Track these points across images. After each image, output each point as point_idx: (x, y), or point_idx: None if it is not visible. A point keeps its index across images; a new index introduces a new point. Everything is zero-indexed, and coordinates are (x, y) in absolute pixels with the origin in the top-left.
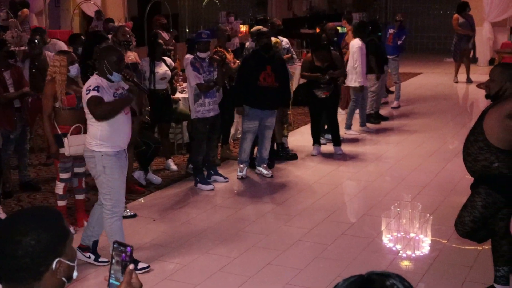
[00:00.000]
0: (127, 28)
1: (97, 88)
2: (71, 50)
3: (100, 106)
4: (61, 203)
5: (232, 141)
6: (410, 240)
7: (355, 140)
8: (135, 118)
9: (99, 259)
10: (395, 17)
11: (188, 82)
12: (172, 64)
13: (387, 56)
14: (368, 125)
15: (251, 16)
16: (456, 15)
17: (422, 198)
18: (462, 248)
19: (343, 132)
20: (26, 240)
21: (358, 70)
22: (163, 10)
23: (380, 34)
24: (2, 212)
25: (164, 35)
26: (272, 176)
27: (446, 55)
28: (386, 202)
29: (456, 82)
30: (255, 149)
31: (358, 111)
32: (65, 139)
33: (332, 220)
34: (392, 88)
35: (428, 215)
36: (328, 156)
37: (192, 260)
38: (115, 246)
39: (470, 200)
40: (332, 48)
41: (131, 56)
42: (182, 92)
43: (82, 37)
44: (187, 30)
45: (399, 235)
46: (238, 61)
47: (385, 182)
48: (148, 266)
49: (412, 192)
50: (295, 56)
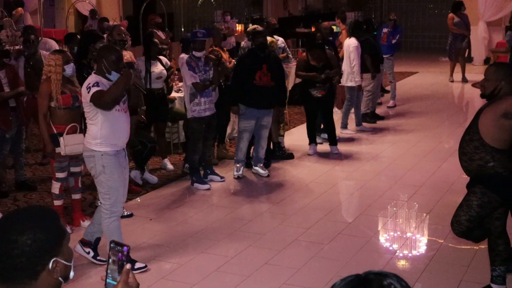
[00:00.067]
0: (122, 27)
1: (97, 84)
2: (67, 50)
3: (104, 95)
4: (57, 202)
5: (228, 140)
6: (406, 240)
7: (351, 140)
8: (131, 118)
9: (97, 257)
10: (389, 16)
11: (184, 82)
12: (168, 63)
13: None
14: (364, 124)
15: (246, 15)
16: (451, 14)
17: (418, 198)
18: (458, 247)
19: (339, 131)
20: (22, 239)
21: (355, 70)
22: (158, 9)
23: (375, 33)
24: None
25: (160, 34)
26: (268, 176)
27: (442, 54)
28: (383, 202)
29: (452, 81)
30: (252, 148)
31: (353, 111)
32: (60, 139)
33: (328, 219)
34: (388, 88)
35: (424, 214)
36: (324, 155)
37: (189, 259)
38: (111, 245)
39: (466, 199)
40: (327, 47)
41: (127, 55)
42: (178, 91)
43: (78, 36)
44: (183, 30)
45: (395, 234)
46: (234, 60)
47: (381, 181)
48: (145, 266)
49: (408, 192)
50: (290, 55)
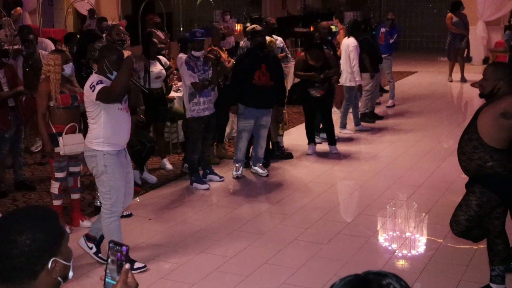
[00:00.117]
0: (121, 27)
1: (100, 81)
2: (67, 49)
3: (111, 88)
4: (56, 202)
5: (227, 140)
6: (406, 240)
7: (350, 139)
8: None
9: (99, 255)
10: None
11: (183, 81)
12: (167, 63)
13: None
14: (363, 124)
15: (245, 15)
16: (450, 14)
17: (417, 197)
18: (458, 247)
19: (338, 131)
20: (21, 239)
21: (355, 69)
22: (157, 9)
23: (374, 33)
24: None
25: (159, 34)
26: (267, 175)
27: (440, 54)
28: (382, 202)
29: (451, 81)
30: (251, 148)
31: (351, 111)
32: (60, 138)
33: (327, 219)
34: (387, 87)
35: (423, 214)
36: (323, 155)
37: (188, 259)
38: (111, 245)
39: (465, 199)
40: (325, 47)
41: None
42: (177, 91)
43: (78, 36)
44: (181, 29)
45: (394, 234)
46: (233, 60)
47: (380, 181)
48: (145, 266)
49: (407, 191)
50: (289, 55)
